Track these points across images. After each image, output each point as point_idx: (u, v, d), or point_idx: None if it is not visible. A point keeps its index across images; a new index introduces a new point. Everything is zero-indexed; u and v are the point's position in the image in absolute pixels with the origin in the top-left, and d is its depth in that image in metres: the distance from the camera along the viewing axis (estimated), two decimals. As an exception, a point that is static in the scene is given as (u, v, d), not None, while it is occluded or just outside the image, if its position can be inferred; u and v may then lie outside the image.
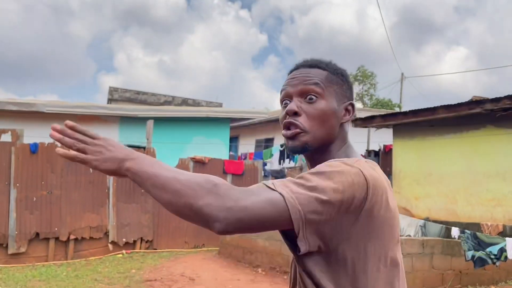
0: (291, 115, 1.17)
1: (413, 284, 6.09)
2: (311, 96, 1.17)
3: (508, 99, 8.39)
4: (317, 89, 1.17)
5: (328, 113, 1.18)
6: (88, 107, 11.44)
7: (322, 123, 1.17)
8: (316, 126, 1.16)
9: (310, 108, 1.17)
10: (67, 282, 6.84)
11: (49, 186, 8.87)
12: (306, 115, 1.16)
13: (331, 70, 1.22)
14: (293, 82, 1.21)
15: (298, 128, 1.16)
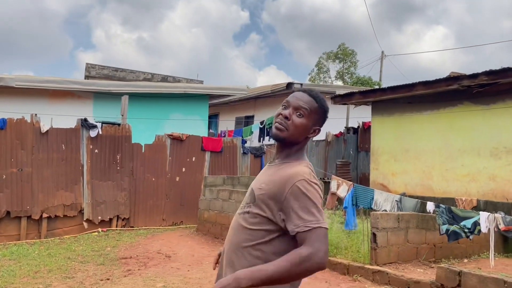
0: (284, 117, 1.80)
1: (388, 258, 6.14)
2: (300, 113, 1.81)
3: (485, 75, 8.42)
4: (305, 111, 1.81)
5: (303, 127, 1.82)
6: (60, 82, 11.03)
7: (297, 131, 1.80)
8: (293, 131, 1.80)
9: (296, 119, 1.80)
10: (38, 260, 6.67)
11: (19, 163, 8.58)
12: (292, 122, 1.80)
13: (319, 105, 1.86)
14: (295, 98, 1.84)
15: (283, 126, 1.80)
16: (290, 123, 1.78)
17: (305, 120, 1.80)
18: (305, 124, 1.81)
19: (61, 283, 5.46)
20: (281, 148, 1.86)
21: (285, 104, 1.84)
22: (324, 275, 5.99)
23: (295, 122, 1.78)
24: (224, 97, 16.43)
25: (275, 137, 1.81)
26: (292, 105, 1.81)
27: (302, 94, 1.85)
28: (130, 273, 5.98)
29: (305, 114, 1.80)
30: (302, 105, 1.80)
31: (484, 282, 4.62)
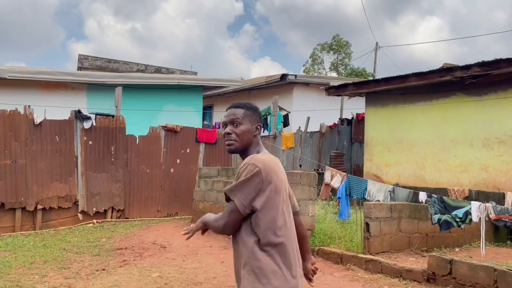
0: (227, 135, 2.15)
1: (381, 247, 6.22)
2: (236, 123, 2.13)
3: (478, 66, 8.48)
4: (239, 119, 2.13)
5: (245, 131, 2.13)
6: (53, 73, 10.96)
7: (242, 137, 2.12)
8: (239, 139, 2.12)
9: (236, 130, 2.13)
10: (34, 251, 6.69)
11: (13, 155, 8.55)
12: (234, 133, 2.12)
13: (245, 109, 2.16)
14: (227, 117, 2.17)
15: (231, 140, 2.13)
16: (234, 136, 2.11)
17: (243, 126, 2.12)
18: (245, 129, 2.12)
19: (57, 273, 5.49)
20: (241, 155, 2.18)
21: (224, 124, 2.19)
22: (318, 264, 6.04)
23: (237, 132, 2.11)
24: (218, 89, 16.39)
25: (229, 151, 2.17)
26: (227, 122, 2.16)
27: (230, 110, 2.19)
28: (126, 264, 6.02)
29: (240, 121, 2.12)
30: (233, 118, 2.14)
31: (475, 270, 4.71)
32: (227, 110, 2.20)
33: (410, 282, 5.15)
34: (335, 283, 5.17)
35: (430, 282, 5.06)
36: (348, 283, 5.18)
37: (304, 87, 15.63)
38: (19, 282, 5.06)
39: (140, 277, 5.31)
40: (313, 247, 6.57)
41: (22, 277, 5.27)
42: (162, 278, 5.27)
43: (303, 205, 6.89)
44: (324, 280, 5.32)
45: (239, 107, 2.16)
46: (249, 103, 2.23)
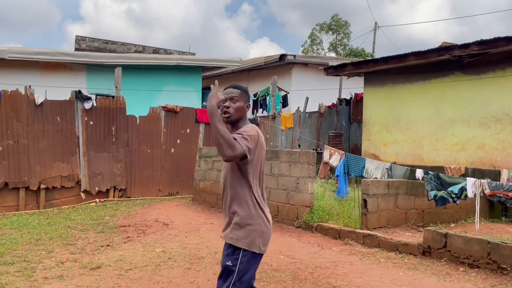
0: (226, 108, 2.60)
1: (378, 223, 6.38)
2: (234, 100, 2.62)
3: (476, 45, 8.51)
4: (236, 97, 2.63)
5: (240, 107, 2.63)
6: (53, 54, 10.96)
7: (237, 111, 2.62)
8: (235, 112, 2.61)
9: (233, 105, 2.61)
10: (39, 229, 6.84)
11: (15, 135, 8.64)
12: (232, 107, 2.60)
13: (242, 91, 2.67)
14: (228, 94, 2.64)
15: (229, 113, 2.59)
16: (231, 109, 2.59)
17: (238, 103, 2.62)
18: (240, 106, 2.62)
19: (63, 249, 5.64)
20: (233, 126, 2.63)
21: (224, 99, 2.62)
22: (317, 240, 6.24)
23: (234, 107, 2.60)
24: (217, 69, 16.37)
25: (227, 122, 2.59)
26: (227, 98, 2.62)
27: (230, 89, 2.67)
28: (130, 240, 6.18)
29: (237, 99, 2.61)
30: (232, 95, 2.62)
31: (469, 243, 4.87)
32: (227, 89, 2.68)
33: (406, 255, 5.32)
34: (333, 257, 5.33)
35: (425, 255, 5.22)
36: (346, 257, 5.34)
37: (303, 68, 15.63)
38: (27, 257, 5.20)
39: (144, 252, 5.46)
40: (311, 223, 6.74)
41: (29, 253, 5.42)
42: (166, 253, 5.42)
43: (302, 182, 7.02)
44: (322, 254, 5.48)
45: (237, 88, 2.66)
46: (243, 86, 2.74)
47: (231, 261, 2.42)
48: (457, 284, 4.29)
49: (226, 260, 2.46)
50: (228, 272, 2.43)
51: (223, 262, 2.48)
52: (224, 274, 2.46)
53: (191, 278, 4.45)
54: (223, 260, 2.48)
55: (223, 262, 2.48)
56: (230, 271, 2.42)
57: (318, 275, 4.57)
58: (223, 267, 2.47)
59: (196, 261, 5.08)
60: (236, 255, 2.43)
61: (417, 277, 4.52)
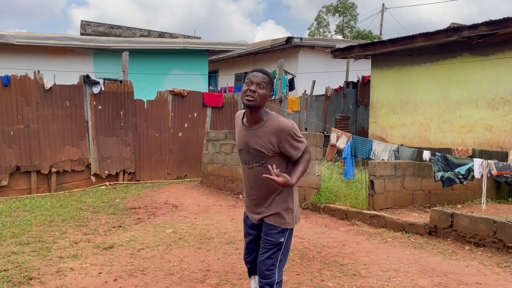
0: (251, 91, 2.53)
1: (385, 204, 6.45)
2: (261, 86, 2.56)
3: (485, 25, 8.44)
4: (263, 84, 2.56)
5: (264, 95, 2.57)
6: (60, 38, 11.01)
7: (261, 98, 2.55)
8: (259, 99, 2.54)
9: (260, 91, 2.54)
10: (52, 211, 6.99)
11: (26, 119, 8.75)
12: (257, 93, 2.53)
13: (270, 79, 2.61)
14: (255, 77, 2.57)
15: (253, 98, 2.53)
16: (257, 94, 2.51)
17: (265, 90, 2.55)
18: (265, 93, 2.56)
19: (76, 230, 5.78)
20: (252, 113, 2.60)
21: (248, 82, 2.57)
22: (324, 220, 6.32)
23: (259, 93, 2.53)
24: (223, 53, 16.34)
25: (248, 106, 2.55)
26: (254, 81, 2.55)
27: (257, 72, 2.59)
28: (141, 221, 6.30)
29: (264, 86, 2.55)
30: (260, 81, 2.55)
31: (475, 223, 4.93)
32: (255, 71, 2.61)
33: (412, 235, 5.39)
34: (341, 237, 5.42)
35: (431, 234, 5.29)
36: (353, 237, 5.43)
37: (309, 50, 15.55)
38: (41, 237, 5.34)
39: (155, 233, 5.58)
40: (319, 205, 6.82)
41: (43, 234, 5.56)
42: (176, 234, 5.54)
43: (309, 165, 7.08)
44: (330, 234, 5.57)
45: (266, 75, 2.60)
46: (271, 74, 2.68)
47: (283, 237, 2.67)
48: (462, 262, 4.36)
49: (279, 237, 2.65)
50: (277, 248, 2.65)
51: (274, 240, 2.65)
52: (271, 250, 2.65)
53: (202, 257, 4.56)
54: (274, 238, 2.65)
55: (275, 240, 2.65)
56: (279, 247, 2.66)
57: (326, 254, 4.66)
58: (275, 243, 2.64)
59: (206, 241, 5.19)
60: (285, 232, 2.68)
61: (423, 255, 4.60)
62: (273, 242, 2.65)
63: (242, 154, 2.72)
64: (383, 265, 4.28)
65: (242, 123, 2.72)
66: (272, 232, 2.65)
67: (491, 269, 4.16)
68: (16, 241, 5.11)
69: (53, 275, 3.95)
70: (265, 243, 2.67)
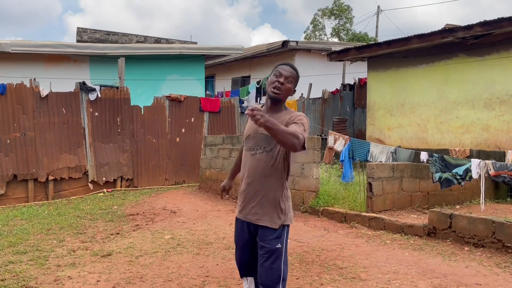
0: (280, 83, 2.57)
1: (384, 206, 6.44)
2: (289, 80, 2.60)
3: (480, 26, 8.46)
4: (291, 79, 2.61)
5: (290, 90, 2.62)
6: (56, 46, 11.00)
7: (287, 93, 2.61)
8: (285, 93, 2.60)
9: (287, 85, 2.59)
10: (49, 219, 6.95)
11: (22, 127, 8.73)
12: (285, 86, 2.58)
13: (297, 74, 2.67)
14: (285, 70, 2.60)
15: (280, 90, 2.57)
16: (284, 87, 2.56)
17: (291, 85, 2.60)
18: (291, 88, 2.61)
19: (74, 238, 5.75)
20: (273, 105, 2.63)
21: (277, 74, 2.59)
22: (323, 223, 6.31)
23: (286, 87, 2.58)
24: (219, 58, 16.35)
25: (273, 97, 2.58)
26: (284, 75, 2.58)
27: (287, 66, 2.63)
28: (139, 228, 6.28)
29: (292, 81, 2.60)
30: (289, 75, 2.59)
31: (474, 223, 4.92)
32: (284, 64, 2.64)
33: (411, 237, 5.38)
34: (340, 240, 5.40)
35: (430, 236, 5.28)
36: (352, 239, 5.41)
37: (305, 54, 15.57)
38: (39, 246, 5.31)
39: (153, 239, 5.55)
40: (317, 208, 6.81)
41: (41, 242, 5.53)
42: (174, 240, 5.51)
43: (307, 168, 7.08)
44: (329, 237, 5.55)
45: (295, 70, 2.65)
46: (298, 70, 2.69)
47: (280, 243, 2.58)
48: (462, 263, 4.35)
49: (275, 243, 2.55)
50: (278, 252, 2.56)
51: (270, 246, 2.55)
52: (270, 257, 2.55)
53: (201, 263, 4.53)
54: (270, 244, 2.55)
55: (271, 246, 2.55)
56: (280, 252, 2.57)
57: (325, 257, 4.64)
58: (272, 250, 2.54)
59: (204, 246, 5.17)
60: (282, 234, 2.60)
61: (422, 257, 4.58)
62: (269, 249, 2.56)
63: (249, 140, 2.66)
64: (383, 268, 4.27)
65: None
66: (268, 238, 2.57)
67: (490, 270, 4.15)
68: (14, 250, 5.08)
69: (51, 284, 3.93)
70: (262, 250, 2.59)
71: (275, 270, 2.55)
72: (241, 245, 2.79)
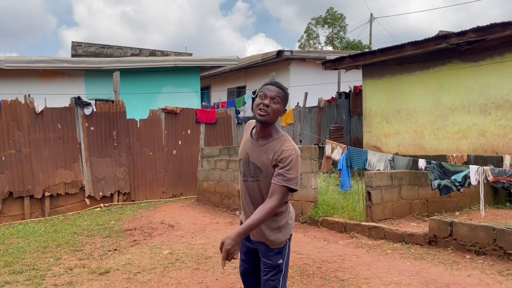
0: (265, 105, 2.39)
1: (383, 214, 6.40)
2: (275, 101, 2.41)
3: (473, 32, 8.51)
4: (278, 99, 2.42)
5: (278, 110, 2.43)
6: (50, 61, 10.97)
7: (274, 114, 2.42)
8: (272, 115, 2.41)
9: (273, 106, 2.41)
10: (46, 237, 6.86)
11: (17, 144, 8.66)
12: (271, 108, 2.39)
13: (285, 93, 2.47)
14: (270, 91, 2.43)
15: (266, 112, 2.39)
16: (270, 109, 2.38)
17: (279, 105, 2.42)
18: (279, 108, 2.43)
19: (71, 255, 5.67)
20: (263, 128, 2.47)
21: (262, 95, 2.42)
22: (323, 234, 6.25)
23: (273, 108, 2.39)
24: (215, 69, 16.38)
25: (260, 121, 2.42)
26: (269, 95, 2.40)
27: (272, 86, 2.45)
28: (137, 243, 6.20)
29: (278, 101, 2.41)
30: (275, 95, 2.41)
31: (475, 231, 4.88)
32: (269, 84, 2.47)
33: (412, 246, 5.33)
34: (340, 250, 5.35)
35: (431, 244, 5.23)
36: (353, 250, 5.36)
37: (300, 63, 15.62)
38: (35, 265, 5.23)
39: (151, 255, 5.48)
40: (317, 218, 6.76)
41: (38, 261, 5.44)
42: (173, 255, 5.44)
43: (305, 178, 7.04)
44: (329, 248, 5.50)
45: (282, 89, 2.46)
46: (286, 88, 2.54)
47: (282, 258, 2.54)
48: (464, 272, 4.30)
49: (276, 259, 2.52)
50: (277, 270, 2.52)
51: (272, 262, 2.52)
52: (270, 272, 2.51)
53: (200, 278, 4.47)
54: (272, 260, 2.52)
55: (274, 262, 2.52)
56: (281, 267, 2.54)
57: (326, 269, 4.59)
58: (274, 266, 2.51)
59: (203, 261, 5.10)
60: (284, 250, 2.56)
61: (424, 266, 4.53)
62: (271, 264, 2.52)
63: (241, 164, 2.60)
64: (384, 279, 4.21)
65: (250, 133, 2.57)
66: (269, 254, 2.53)
67: (493, 278, 4.10)
68: (10, 270, 4.99)
69: (48, 305, 3.85)
70: (264, 265, 2.54)
71: (276, 282, 2.53)
72: (244, 251, 2.71)
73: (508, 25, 8.06)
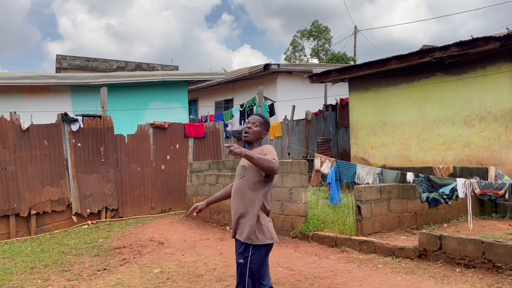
0: (248, 128, 3.16)
1: (373, 228, 6.44)
2: (255, 124, 3.17)
3: (456, 46, 8.70)
4: (257, 123, 3.19)
5: (258, 131, 3.17)
6: (36, 77, 10.88)
7: (254, 134, 3.17)
8: (252, 135, 3.16)
9: (254, 128, 3.16)
10: (32, 257, 6.74)
11: (3, 162, 8.53)
12: (252, 130, 3.16)
13: (265, 120, 3.24)
14: (253, 118, 3.21)
15: (248, 133, 3.16)
16: (251, 131, 3.15)
17: (258, 128, 3.17)
18: (259, 130, 3.18)
19: (59, 276, 5.57)
20: (249, 146, 3.18)
21: (247, 122, 3.21)
22: (314, 249, 6.26)
23: (254, 130, 3.16)
24: (202, 82, 16.40)
25: (244, 140, 3.20)
26: (251, 121, 3.19)
27: (255, 115, 3.25)
28: (126, 262, 6.12)
29: (258, 125, 3.17)
30: (256, 120, 3.20)
31: (464, 244, 4.94)
32: (254, 115, 3.27)
33: (403, 260, 5.37)
34: (332, 266, 5.36)
35: (421, 258, 5.28)
36: (344, 265, 5.38)
37: (287, 76, 15.76)
38: (23, 287, 5.12)
39: (142, 274, 5.42)
40: (307, 233, 6.77)
41: (25, 283, 5.34)
42: (164, 273, 5.39)
43: (295, 192, 7.06)
44: (320, 263, 5.50)
45: (260, 117, 3.24)
46: (266, 117, 3.30)
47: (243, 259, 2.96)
48: (454, 286, 4.35)
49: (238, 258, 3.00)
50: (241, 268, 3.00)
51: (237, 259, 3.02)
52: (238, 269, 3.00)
53: (192, 298, 4.42)
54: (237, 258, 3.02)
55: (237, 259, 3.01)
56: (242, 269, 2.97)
57: (319, 286, 4.59)
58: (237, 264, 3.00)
59: (195, 279, 5.06)
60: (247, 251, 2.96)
61: (415, 281, 4.57)
62: (236, 261, 3.01)
63: (236, 171, 3.23)
64: (377, 295, 4.23)
65: None
66: (237, 251, 3.02)
67: (483, 292, 4.15)
68: (-4, 293, 4.89)
69: (37, 330, 3.77)
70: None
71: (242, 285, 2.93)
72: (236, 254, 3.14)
73: (489, 40, 8.27)
